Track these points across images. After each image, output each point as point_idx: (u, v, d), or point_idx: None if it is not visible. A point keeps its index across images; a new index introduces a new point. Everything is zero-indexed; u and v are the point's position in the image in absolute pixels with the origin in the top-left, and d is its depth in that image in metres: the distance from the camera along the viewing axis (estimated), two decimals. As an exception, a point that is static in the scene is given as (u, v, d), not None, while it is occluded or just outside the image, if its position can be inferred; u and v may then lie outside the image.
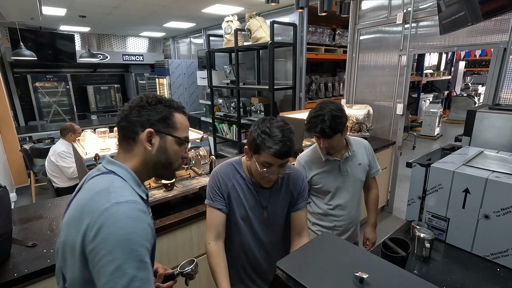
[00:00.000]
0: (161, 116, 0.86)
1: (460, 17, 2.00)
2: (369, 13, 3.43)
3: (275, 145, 1.08)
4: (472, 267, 1.26)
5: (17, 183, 4.48)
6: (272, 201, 1.28)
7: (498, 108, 1.90)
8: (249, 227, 1.28)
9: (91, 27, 6.20)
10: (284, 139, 1.09)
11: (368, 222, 1.75)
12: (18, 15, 4.30)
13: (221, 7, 4.34)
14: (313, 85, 4.66)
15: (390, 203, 3.68)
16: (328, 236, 1.02)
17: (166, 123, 0.87)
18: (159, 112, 0.86)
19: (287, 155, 1.11)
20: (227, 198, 1.24)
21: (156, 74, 6.88)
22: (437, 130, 7.18)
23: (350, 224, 1.63)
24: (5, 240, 1.30)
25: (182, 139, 0.90)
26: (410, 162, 1.66)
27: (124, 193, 0.77)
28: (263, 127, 1.11)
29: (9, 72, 6.15)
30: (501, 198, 1.20)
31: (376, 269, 0.83)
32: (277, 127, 1.11)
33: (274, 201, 1.29)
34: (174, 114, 0.89)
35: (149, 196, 1.00)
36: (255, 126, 1.15)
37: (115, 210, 0.71)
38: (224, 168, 1.27)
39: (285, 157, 1.11)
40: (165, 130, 0.87)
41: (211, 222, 1.24)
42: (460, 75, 10.12)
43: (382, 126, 3.56)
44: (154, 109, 0.86)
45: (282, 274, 0.84)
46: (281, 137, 1.09)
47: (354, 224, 1.65)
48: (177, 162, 0.92)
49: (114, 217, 0.70)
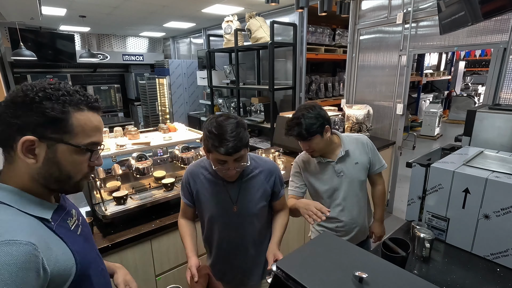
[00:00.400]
0: (49, 117, 0.65)
1: (460, 17, 2.00)
2: (369, 13, 3.43)
3: (220, 143, 1.08)
4: (472, 267, 1.26)
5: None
6: (243, 195, 1.28)
7: (498, 108, 1.90)
8: (220, 221, 1.31)
9: (91, 27, 6.20)
10: (228, 137, 1.08)
11: (374, 217, 1.74)
12: (18, 15, 4.30)
13: (221, 7, 4.34)
14: (313, 85, 4.66)
15: (390, 203, 3.68)
16: (328, 236, 1.02)
17: (56, 127, 0.66)
18: (47, 112, 0.64)
19: (236, 150, 1.09)
20: (196, 195, 1.30)
21: (156, 74, 6.88)
22: (437, 130, 7.18)
23: (353, 224, 1.60)
24: (5, 240, 1.29)
25: (82, 147, 0.69)
26: (410, 162, 1.66)
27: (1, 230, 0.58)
28: (210, 126, 1.12)
29: (9, 72, 6.15)
30: (501, 198, 1.20)
31: (376, 269, 0.83)
32: (221, 125, 1.10)
33: (245, 195, 1.29)
34: (71, 114, 0.67)
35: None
36: (204, 125, 1.17)
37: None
38: (194, 167, 1.33)
39: (235, 153, 1.10)
40: (54, 136, 0.66)
41: (182, 207, 1.38)
42: (460, 75, 10.11)
43: (382, 126, 3.56)
44: (37, 108, 0.64)
45: (282, 274, 0.84)
46: (226, 135, 1.08)
47: (358, 225, 1.60)
48: (79, 173, 0.73)
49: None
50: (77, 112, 0.68)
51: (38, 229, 0.65)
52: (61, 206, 0.77)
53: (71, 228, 0.76)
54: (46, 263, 0.61)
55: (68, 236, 0.72)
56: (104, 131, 1.81)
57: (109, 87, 7.79)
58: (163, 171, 1.80)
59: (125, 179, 1.71)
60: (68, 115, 0.67)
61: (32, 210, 0.67)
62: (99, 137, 0.74)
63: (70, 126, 0.67)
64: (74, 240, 0.73)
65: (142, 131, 1.96)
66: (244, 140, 1.12)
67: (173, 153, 1.76)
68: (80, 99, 0.69)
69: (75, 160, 0.70)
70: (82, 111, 0.69)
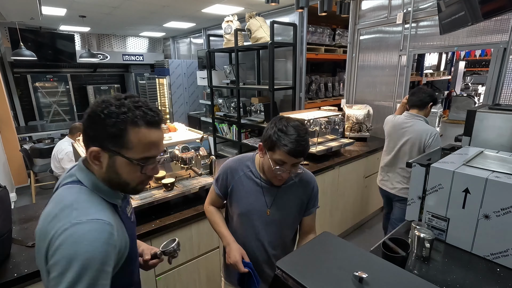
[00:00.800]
0: (110, 133, 0.74)
1: (460, 17, 2.00)
2: (369, 13, 3.43)
3: (290, 144, 1.10)
4: (472, 267, 1.26)
5: (17, 183, 4.48)
6: (278, 201, 1.28)
7: (498, 108, 1.89)
8: (249, 222, 1.29)
9: (91, 27, 6.20)
10: (299, 139, 1.11)
11: None
12: (18, 15, 4.30)
13: (221, 7, 4.34)
14: (313, 85, 4.66)
15: (390, 203, 3.68)
16: (328, 236, 1.02)
17: (115, 141, 0.74)
18: (108, 128, 0.73)
19: (301, 154, 1.13)
20: (231, 189, 1.30)
21: (156, 74, 6.88)
22: (437, 130, 7.17)
23: None
24: (5, 240, 1.30)
25: (135, 162, 0.77)
26: (410, 162, 1.66)
27: (88, 210, 0.73)
28: (280, 125, 1.14)
29: (9, 72, 6.15)
30: (501, 198, 1.20)
31: (376, 269, 0.83)
32: (293, 126, 1.13)
33: (280, 201, 1.28)
34: (128, 131, 0.74)
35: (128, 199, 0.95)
36: (272, 123, 1.18)
37: (73, 231, 0.68)
38: (234, 163, 1.33)
39: (299, 156, 1.13)
40: (113, 149, 0.75)
41: (210, 195, 1.40)
42: (460, 75, 10.09)
43: (382, 126, 3.56)
44: (103, 123, 0.73)
45: (282, 273, 0.84)
46: (297, 137, 1.11)
47: None
48: (134, 181, 0.81)
49: (71, 239, 0.67)
50: (133, 129, 0.75)
51: (112, 213, 0.79)
52: (125, 196, 0.90)
53: (128, 215, 0.90)
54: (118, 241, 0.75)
55: (126, 222, 0.86)
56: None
57: (109, 87, 7.79)
58: (163, 171, 1.80)
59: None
60: (124, 132, 0.74)
61: (106, 197, 0.80)
62: (154, 152, 0.80)
63: (126, 141, 0.75)
64: (129, 225, 0.87)
65: (142, 131, 1.95)
66: (308, 148, 1.15)
67: (173, 153, 1.76)
68: (139, 115, 0.75)
69: (131, 170, 0.79)
70: (139, 127, 0.75)
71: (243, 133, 4.80)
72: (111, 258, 0.72)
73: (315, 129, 2.84)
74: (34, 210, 1.83)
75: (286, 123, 1.14)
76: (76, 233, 0.68)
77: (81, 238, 0.68)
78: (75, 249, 0.66)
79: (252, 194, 1.27)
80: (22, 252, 1.38)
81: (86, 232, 0.68)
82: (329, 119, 2.93)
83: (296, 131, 1.12)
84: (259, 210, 1.27)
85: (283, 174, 1.17)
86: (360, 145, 3.23)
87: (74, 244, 0.67)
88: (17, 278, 1.22)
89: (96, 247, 0.68)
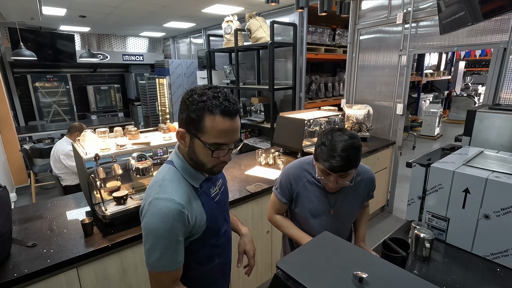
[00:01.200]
0: (191, 117, 0.86)
1: (460, 17, 2.00)
2: (369, 13, 3.43)
3: (330, 159, 1.10)
4: (472, 267, 1.26)
5: (17, 183, 4.48)
6: (341, 201, 1.33)
7: (498, 108, 1.90)
8: (317, 221, 1.34)
9: (91, 27, 6.20)
10: (338, 155, 1.08)
11: None
12: (18, 15, 4.30)
13: (221, 7, 4.34)
14: (313, 85, 4.66)
15: (390, 203, 3.68)
16: (328, 236, 1.02)
17: (194, 125, 0.86)
18: (190, 113, 0.86)
19: (342, 170, 1.10)
20: (296, 196, 1.35)
21: (156, 74, 6.88)
22: (437, 130, 7.18)
23: None
24: (5, 240, 1.30)
25: (207, 145, 0.87)
26: (410, 162, 1.66)
27: (167, 189, 0.89)
28: (324, 138, 1.14)
29: (9, 72, 6.15)
30: (501, 198, 1.20)
31: (376, 269, 0.83)
32: (338, 141, 1.10)
33: (342, 201, 1.33)
34: (205, 117, 0.85)
35: None
36: (321, 134, 1.19)
37: (153, 204, 0.87)
38: (296, 170, 1.36)
39: (338, 171, 1.11)
40: (194, 132, 0.88)
41: (274, 204, 1.44)
42: (460, 75, 10.11)
43: (382, 126, 3.57)
44: (187, 108, 0.87)
45: (282, 273, 0.84)
46: (339, 152, 1.08)
47: None
48: (209, 163, 0.92)
49: (151, 211, 0.86)
50: (209, 116, 0.85)
51: (188, 193, 0.92)
52: (208, 178, 1.01)
53: (211, 195, 1.01)
54: (190, 217, 0.89)
55: (206, 201, 0.97)
56: (104, 131, 1.81)
57: (109, 87, 7.78)
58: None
59: (125, 179, 1.71)
60: (202, 117, 0.85)
61: (188, 178, 0.94)
62: (225, 139, 0.88)
63: (202, 126, 0.86)
64: (210, 204, 0.98)
65: (142, 131, 1.95)
66: (353, 162, 1.11)
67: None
68: (215, 104, 0.85)
69: (204, 153, 0.90)
70: (214, 115, 0.85)
71: (243, 133, 4.80)
72: (181, 230, 0.88)
73: (315, 129, 2.84)
74: (34, 210, 1.83)
75: (331, 136, 1.12)
76: (155, 207, 0.86)
77: (156, 211, 0.85)
78: (151, 221, 0.86)
79: (316, 198, 1.32)
80: (22, 252, 1.38)
81: (160, 207, 0.85)
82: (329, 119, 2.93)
83: (336, 146, 1.10)
84: (323, 210, 1.33)
85: (330, 184, 1.19)
86: (360, 145, 3.23)
87: (152, 216, 0.86)
88: (17, 278, 1.22)
89: (165, 221, 0.85)
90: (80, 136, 1.81)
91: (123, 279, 1.53)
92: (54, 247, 1.42)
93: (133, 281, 1.57)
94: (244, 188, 2.12)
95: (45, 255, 1.35)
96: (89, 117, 7.38)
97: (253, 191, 2.07)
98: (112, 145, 1.64)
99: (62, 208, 1.85)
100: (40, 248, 1.41)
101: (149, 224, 0.86)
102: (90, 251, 1.39)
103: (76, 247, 1.41)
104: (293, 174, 1.36)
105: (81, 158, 1.49)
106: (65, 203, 1.94)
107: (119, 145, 1.61)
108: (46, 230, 1.58)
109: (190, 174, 0.95)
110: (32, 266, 1.27)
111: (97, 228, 1.57)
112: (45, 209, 1.83)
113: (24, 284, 1.25)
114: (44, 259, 1.32)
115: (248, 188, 2.11)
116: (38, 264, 1.29)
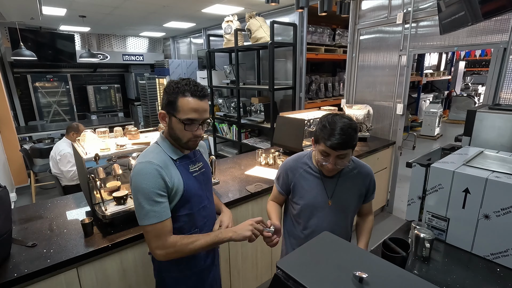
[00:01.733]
0: (169, 101, 1.08)
1: (460, 17, 2.00)
2: (369, 13, 3.43)
3: (330, 137, 1.18)
4: (472, 267, 1.26)
5: (17, 183, 4.48)
6: (339, 191, 1.36)
7: (498, 108, 1.90)
8: (313, 211, 1.37)
9: (91, 27, 6.20)
10: (339, 132, 1.18)
11: None
12: (18, 15, 4.30)
13: (221, 7, 4.34)
14: (313, 85, 4.66)
15: (390, 203, 3.68)
16: (328, 236, 1.02)
17: (172, 106, 1.08)
18: (168, 97, 1.09)
19: (341, 147, 1.18)
20: (293, 186, 1.41)
21: (156, 74, 6.88)
22: (437, 130, 7.18)
23: None
24: (5, 240, 1.30)
25: (181, 120, 1.07)
26: (410, 162, 1.66)
27: (147, 156, 1.10)
28: (325, 121, 1.24)
29: (9, 72, 6.15)
30: (501, 198, 1.20)
31: (376, 269, 0.83)
32: (338, 122, 1.20)
33: (340, 192, 1.36)
34: (178, 99, 1.07)
35: None
36: (321, 118, 1.28)
37: (137, 167, 1.07)
38: (293, 162, 1.44)
39: (339, 149, 1.19)
40: (171, 112, 1.09)
41: (273, 193, 1.53)
42: (460, 75, 10.11)
43: (382, 126, 3.57)
44: (167, 94, 1.10)
45: (282, 273, 0.84)
46: (339, 131, 1.18)
47: None
48: (185, 137, 1.11)
49: (135, 172, 1.06)
50: (182, 97, 1.07)
51: (166, 161, 1.11)
52: (186, 156, 1.20)
53: (189, 170, 1.19)
54: (167, 178, 1.08)
55: (184, 173, 1.15)
56: (104, 131, 1.81)
57: (109, 87, 7.78)
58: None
59: (125, 179, 1.71)
60: (176, 99, 1.07)
61: (167, 151, 1.15)
62: (194, 115, 1.08)
63: (177, 106, 1.07)
64: (187, 176, 1.16)
65: (142, 131, 1.95)
66: (350, 141, 1.20)
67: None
68: (187, 89, 1.07)
69: (179, 128, 1.10)
70: (186, 97, 1.07)
71: (243, 133, 4.80)
72: (162, 186, 1.06)
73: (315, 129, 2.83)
74: (34, 210, 1.83)
75: (331, 119, 1.23)
76: (137, 169, 1.07)
77: (138, 171, 1.06)
78: (135, 179, 1.05)
79: (314, 188, 1.36)
80: (22, 252, 1.38)
81: (141, 168, 1.06)
82: (329, 119, 2.92)
83: (336, 125, 1.19)
84: (321, 201, 1.36)
85: (328, 165, 1.25)
86: (360, 145, 3.23)
87: (134, 175, 1.06)
88: (17, 278, 1.22)
89: (146, 179, 1.04)
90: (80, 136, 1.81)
91: (123, 279, 1.53)
92: (54, 247, 1.42)
93: (133, 281, 1.57)
94: (244, 188, 2.12)
95: (45, 255, 1.35)
96: (89, 117, 7.38)
97: (253, 191, 2.07)
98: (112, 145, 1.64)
99: (62, 208, 1.85)
100: (40, 248, 1.41)
101: (134, 183, 1.05)
102: (90, 251, 1.39)
103: (76, 247, 1.41)
104: (290, 165, 1.43)
105: (81, 158, 1.49)
106: (65, 203, 1.94)
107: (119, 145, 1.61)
108: (46, 230, 1.58)
109: (170, 149, 1.15)
110: (32, 266, 1.27)
111: (97, 228, 1.57)
112: (45, 209, 1.83)
113: (24, 284, 1.25)
114: (44, 259, 1.32)
115: (248, 188, 2.11)
116: (38, 264, 1.29)
